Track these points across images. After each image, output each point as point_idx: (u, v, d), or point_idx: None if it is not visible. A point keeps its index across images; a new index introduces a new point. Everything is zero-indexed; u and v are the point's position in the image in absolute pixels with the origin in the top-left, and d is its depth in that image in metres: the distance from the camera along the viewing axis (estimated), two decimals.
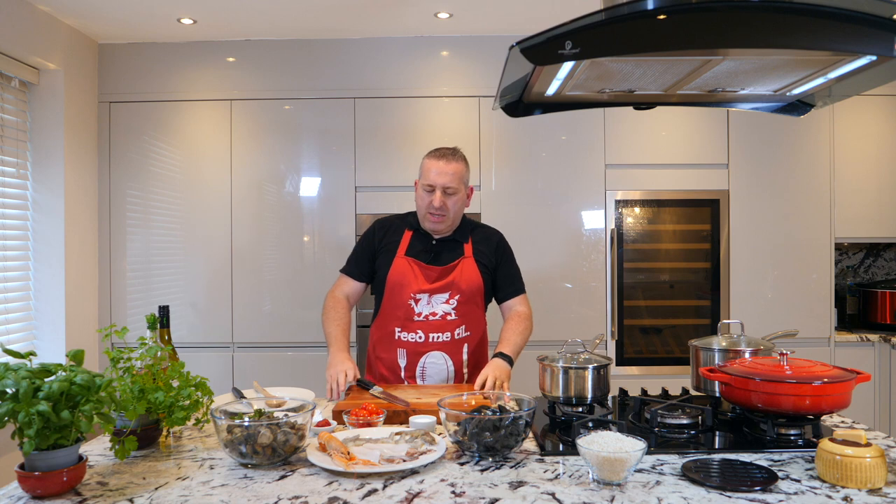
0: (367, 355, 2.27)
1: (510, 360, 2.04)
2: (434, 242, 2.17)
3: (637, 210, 3.47)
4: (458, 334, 2.13)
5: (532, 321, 2.23)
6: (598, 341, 1.98)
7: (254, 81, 3.51)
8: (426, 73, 3.52)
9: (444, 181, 2.08)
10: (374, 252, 2.21)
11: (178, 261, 3.51)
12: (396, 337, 2.12)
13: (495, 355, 2.04)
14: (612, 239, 3.45)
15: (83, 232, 3.38)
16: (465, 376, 2.15)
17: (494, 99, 1.84)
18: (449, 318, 2.12)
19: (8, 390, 1.22)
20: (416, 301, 2.11)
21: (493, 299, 2.28)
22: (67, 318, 3.22)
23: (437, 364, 2.12)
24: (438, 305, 2.12)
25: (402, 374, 2.13)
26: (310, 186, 3.51)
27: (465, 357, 2.15)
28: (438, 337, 2.11)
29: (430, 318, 2.11)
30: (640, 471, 1.31)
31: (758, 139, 3.49)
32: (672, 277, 3.48)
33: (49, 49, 3.14)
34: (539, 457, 1.42)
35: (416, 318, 2.11)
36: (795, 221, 3.50)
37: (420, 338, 2.11)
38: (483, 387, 1.90)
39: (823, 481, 1.24)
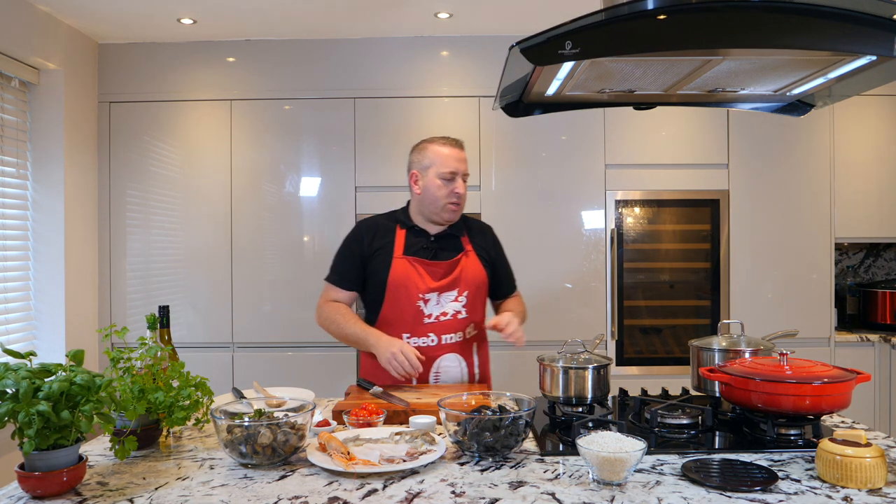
0: (360, 366, 2.19)
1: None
2: (432, 239, 2.07)
3: (637, 210, 3.47)
4: (469, 333, 2.05)
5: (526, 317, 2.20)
6: (598, 341, 1.98)
7: (254, 81, 3.51)
8: (426, 73, 3.52)
9: (464, 168, 2.05)
10: (364, 257, 2.06)
11: (178, 261, 3.51)
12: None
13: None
14: (612, 239, 3.45)
15: (83, 232, 3.38)
16: (477, 377, 2.08)
17: (494, 99, 1.84)
18: (460, 316, 2.03)
19: (8, 390, 1.22)
20: (426, 302, 2.00)
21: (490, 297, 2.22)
22: (67, 318, 3.22)
23: (451, 367, 2.02)
24: (448, 304, 2.02)
25: (414, 381, 1.99)
26: (310, 186, 3.51)
27: (475, 357, 2.08)
28: (451, 338, 2.02)
29: (441, 318, 2.01)
30: (640, 471, 1.31)
31: (758, 139, 3.49)
32: (672, 277, 3.48)
33: (49, 49, 3.14)
34: (539, 457, 1.42)
35: (426, 320, 2.00)
36: (795, 221, 3.50)
37: (433, 341, 2.00)
38: (502, 325, 1.87)
39: (823, 481, 1.24)
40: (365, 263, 2.07)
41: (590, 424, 1.55)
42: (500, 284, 2.18)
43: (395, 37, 3.51)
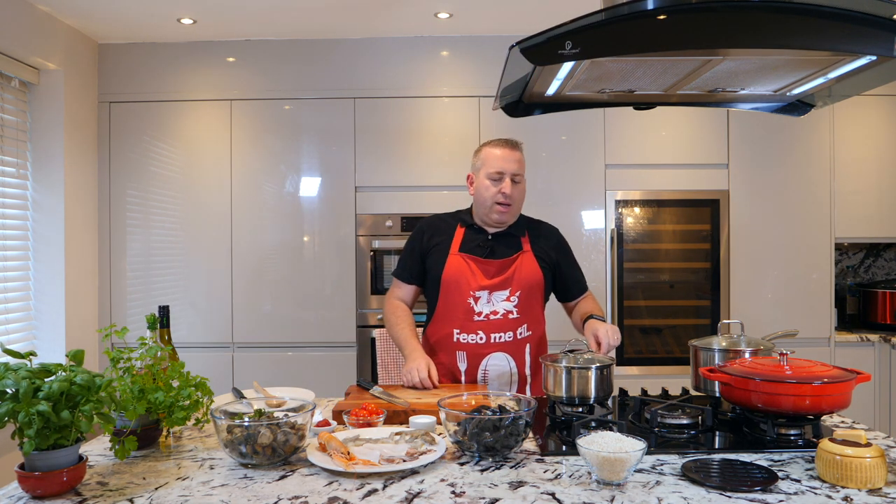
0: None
1: (603, 320, 1.98)
2: (490, 237, 2.08)
3: (637, 210, 3.47)
4: (521, 334, 2.03)
5: None
6: None
7: (254, 81, 3.51)
8: (426, 73, 3.52)
9: (514, 168, 2.03)
10: (424, 253, 2.11)
11: (178, 261, 3.51)
12: (455, 339, 2.02)
13: (591, 317, 1.98)
14: (612, 239, 3.45)
15: (83, 232, 3.38)
16: (528, 378, 2.05)
17: (494, 99, 1.84)
18: (511, 316, 2.02)
19: (8, 390, 1.22)
20: (476, 300, 2.00)
21: (556, 299, 2.20)
22: (67, 318, 3.22)
23: (499, 366, 2.01)
24: (499, 303, 2.01)
25: (463, 378, 2.02)
26: (310, 186, 3.51)
27: (527, 358, 2.05)
28: (500, 337, 2.01)
29: (492, 317, 2.01)
30: (640, 471, 1.31)
31: (758, 139, 3.49)
32: (672, 277, 3.48)
33: (49, 49, 3.14)
34: (539, 457, 1.42)
35: (476, 317, 2.00)
36: (795, 221, 3.50)
37: (481, 339, 2.01)
38: (599, 345, 1.85)
39: (823, 481, 1.24)
40: (424, 259, 2.12)
41: (592, 424, 1.55)
42: (566, 287, 2.17)
43: (395, 37, 3.51)
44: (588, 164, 3.48)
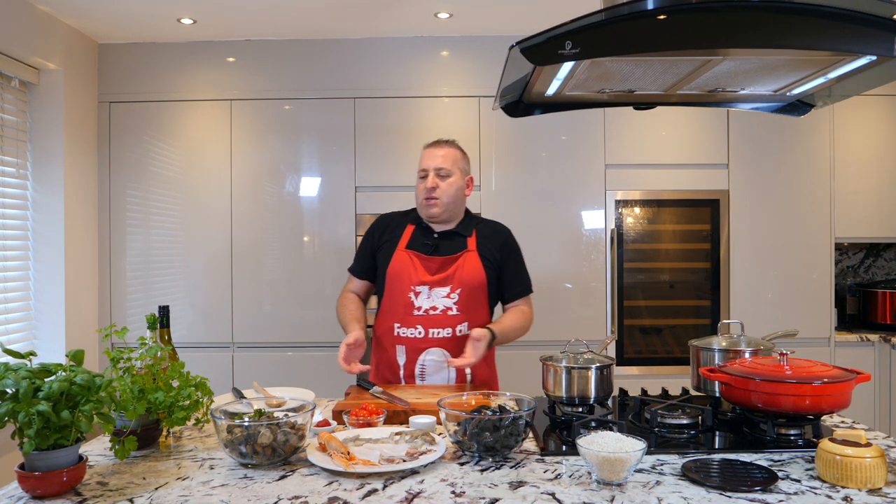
0: (370, 357, 2.21)
1: (492, 332, 1.97)
2: (436, 235, 2.14)
3: (637, 210, 3.47)
4: (460, 331, 2.05)
5: (531, 322, 2.18)
6: (608, 342, 1.97)
7: (254, 81, 3.51)
8: (426, 73, 3.52)
9: (436, 163, 2.12)
10: (375, 249, 2.19)
11: (178, 261, 3.51)
12: (395, 333, 2.06)
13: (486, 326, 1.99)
14: (612, 239, 3.45)
15: (83, 232, 3.38)
16: (469, 377, 2.07)
17: (494, 99, 1.84)
18: (450, 312, 2.05)
19: (8, 390, 1.22)
20: (416, 294, 2.05)
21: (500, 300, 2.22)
22: (67, 318, 3.22)
23: (437, 362, 2.04)
24: (439, 299, 2.05)
25: (402, 372, 2.06)
26: (310, 186, 3.51)
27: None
28: (439, 333, 2.04)
29: (431, 312, 2.05)
30: (640, 471, 1.31)
31: (758, 139, 3.49)
32: (672, 277, 3.48)
33: (49, 49, 3.14)
34: (539, 457, 1.42)
35: (415, 312, 2.05)
36: (795, 221, 3.50)
37: (420, 333, 2.05)
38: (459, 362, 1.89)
39: (823, 481, 1.24)
40: (374, 254, 2.19)
41: (592, 424, 1.55)
42: (503, 288, 2.18)
43: (395, 37, 3.51)
44: (588, 164, 3.48)
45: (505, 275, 2.17)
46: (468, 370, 2.08)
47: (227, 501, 1.19)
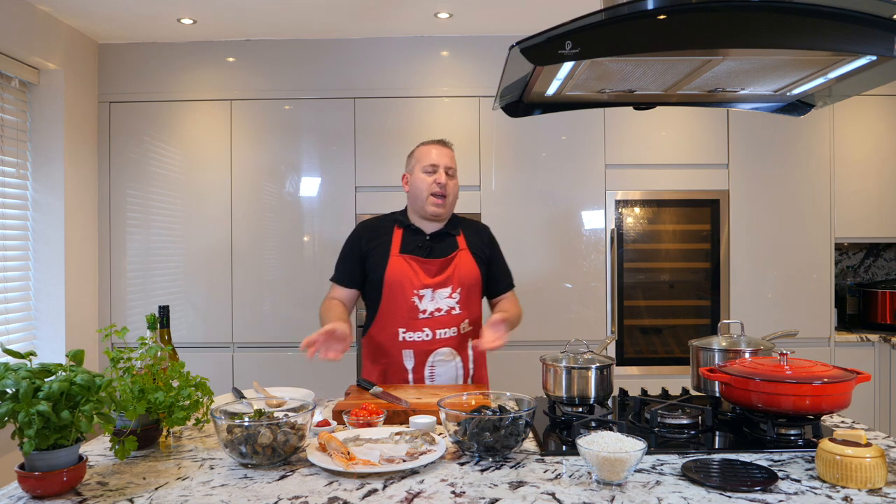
0: (362, 366, 2.20)
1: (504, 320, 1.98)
2: (427, 237, 2.14)
3: (637, 210, 3.47)
4: (463, 328, 2.10)
5: (521, 318, 2.20)
6: (608, 342, 1.98)
7: (254, 81, 3.51)
8: (426, 73, 3.52)
9: (446, 161, 2.12)
10: (363, 256, 2.14)
11: (178, 261, 3.51)
12: (401, 338, 2.06)
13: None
14: (612, 239, 3.45)
15: (83, 232, 3.38)
16: (472, 372, 2.12)
17: (494, 99, 1.84)
18: (454, 312, 2.07)
19: (8, 390, 1.22)
20: (420, 297, 2.06)
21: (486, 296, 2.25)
22: (67, 318, 3.22)
23: (446, 362, 2.07)
24: (443, 300, 2.07)
25: (410, 376, 2.06)
26: (310, 186, 3.51)
27: (470, 352, 2.11)
28: (445, 333, 2.06)
29: (436, 313, 2.06)
30: (640, 471, 1.31)
31: (758, 139, 3.49)
32: (672, 277, 3.48)
33: (49, 49, 3.14)
34: (539, 457, 1.42)
35: (420, 315, 2.05)
36: (795, 221, 3.50)
37: (427, 335, 2.05)
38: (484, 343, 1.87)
39: (823, 481, 1.24)
40: (363, 262, 2.15)
41: (592, 424, 1.55)
42: (493, 282, 2.22)
43: (395, 37, 3.51)
44: (588, 164, 3.48)
45: (493, 270, 2.21)
46: (471, 367, 2.11)
47: (227, 501, 1.19)
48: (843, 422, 1.71)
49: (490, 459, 1.39)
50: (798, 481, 1.25)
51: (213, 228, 3.50)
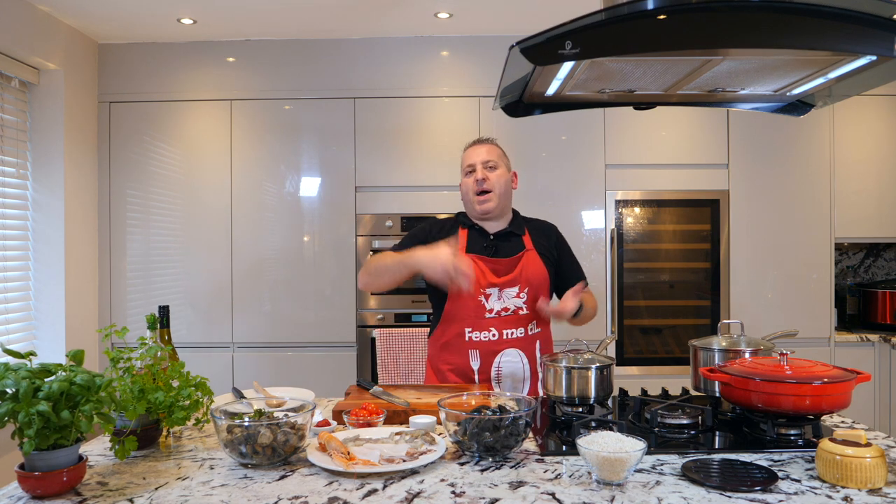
0: (426, 367, 2.16)
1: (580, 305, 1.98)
2: (492, 237, 2.10)
3: (637, 210, 3.47)
4: (531, 329, 2.06)
5: (595, 311, 2.16)
6: (608, 342, 1.98)
7: (254, 81, 3.51)
8: (426, 73, 3.52)
9: (482, 157, 2.10)
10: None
11: (178, 261, 3.51)
12: (467, 338, 2.02)
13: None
14: (612, 239, 3.45)
15: (83, 232, 3.38)
16: (540, 375, 2.06)
17: (494, 99, 1.84)
18: (521, 312, 2.03)
19: (8, 390, 1.22)
20: (487, 297, 2.02)
21: (556, 295, 2.19)
22: (67, 318, 3.22)
23: (512, 363, 2.02)
24: (510, 300, 2.03)
25: (476, 377, 2.02)
26: (310, 186, 3.51)
27: (538, 355, 2.07)
28: (512, 333, 2.02)
29: (503, 313, 2.02)
30: (640, 471, 1.31)
31: (758, 139, 3.49)
32: (672, 277, 3.48)
33: (49, 49, 3.14)
34: (539, 457, 1.42)
35: (487, 314, 2.02)
36: (795, 221, 3.50)
37: (494, 335, 2.02)
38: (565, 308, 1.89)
39: (823, 481, 1.24)
40: None
41: (592, 424, 1.55)
42: (565, 282, 2.16)
43: (395, 37, 3.51)
44: (588, 164, 3.48)
45: (562, 269, 2.17)
46: (539, 370, 2.03)
47: (227, 501, 1.19)
48: (843, 422, 1.71)
49: (490, 459, 1.39)
50: (798, 481, 1.25)
51: (214, 228, 3.50)
